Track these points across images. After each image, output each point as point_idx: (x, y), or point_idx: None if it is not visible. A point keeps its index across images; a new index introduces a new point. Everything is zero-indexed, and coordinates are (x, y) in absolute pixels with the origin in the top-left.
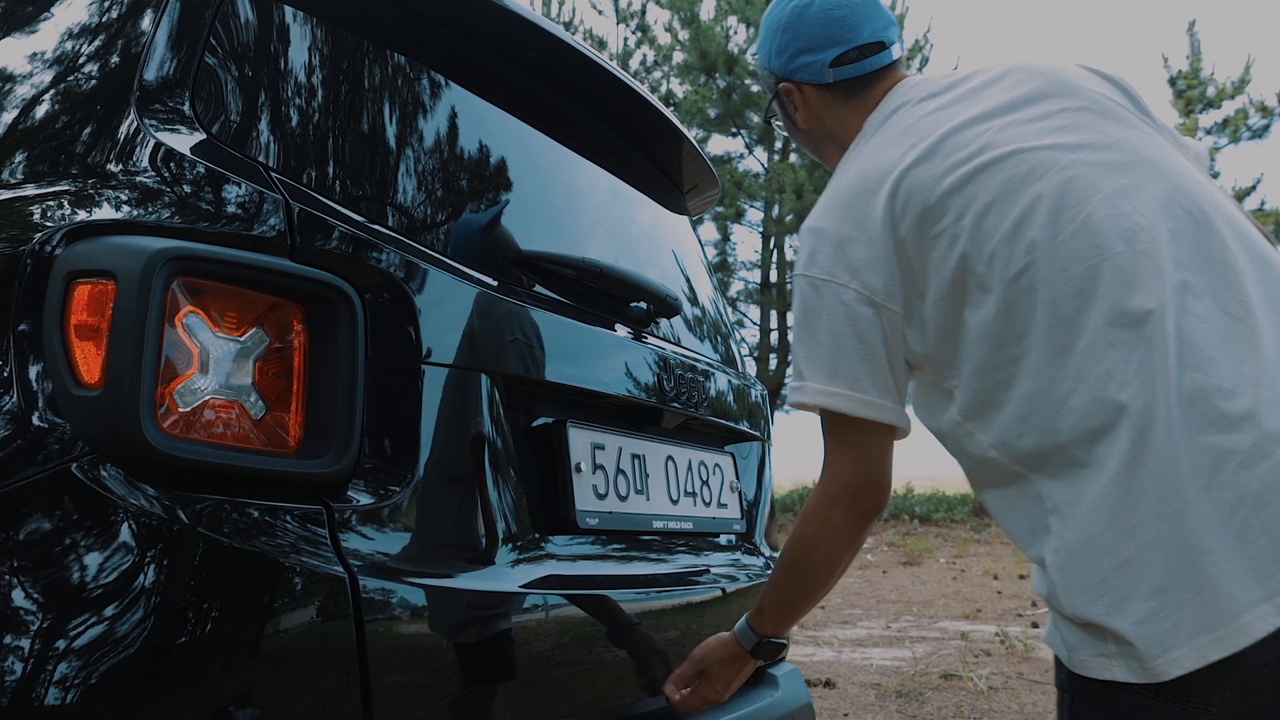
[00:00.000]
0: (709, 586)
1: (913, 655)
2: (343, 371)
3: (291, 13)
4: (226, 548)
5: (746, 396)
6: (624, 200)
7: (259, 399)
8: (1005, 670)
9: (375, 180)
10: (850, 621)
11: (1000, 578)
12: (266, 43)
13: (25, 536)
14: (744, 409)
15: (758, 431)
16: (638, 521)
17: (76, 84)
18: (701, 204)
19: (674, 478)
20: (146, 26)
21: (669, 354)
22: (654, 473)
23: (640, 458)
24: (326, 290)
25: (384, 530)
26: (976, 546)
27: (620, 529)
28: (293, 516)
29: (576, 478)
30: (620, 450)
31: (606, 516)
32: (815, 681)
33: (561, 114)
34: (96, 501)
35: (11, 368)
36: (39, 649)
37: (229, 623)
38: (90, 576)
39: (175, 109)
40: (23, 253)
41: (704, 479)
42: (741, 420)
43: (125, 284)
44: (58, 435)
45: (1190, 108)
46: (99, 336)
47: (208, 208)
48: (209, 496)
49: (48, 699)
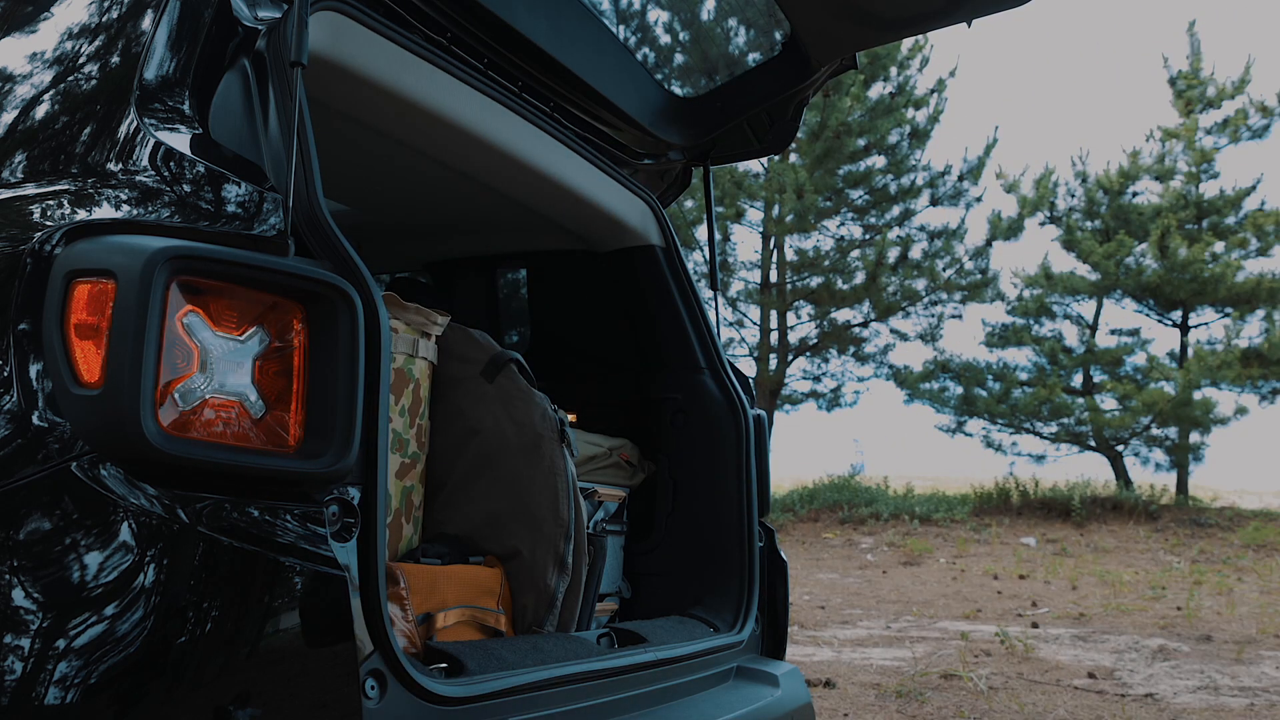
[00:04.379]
0: None
1: (913, 655)
2: (343, 371)
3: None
4: (226, 547)
5: None
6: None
7: (259, 398)
8: (1005, 670)
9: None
10: (850, 621)
11: (1000, 578)
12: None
13: (25, 536)
14: None
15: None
16: None
17: (76, 84)
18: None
19: None
20: (146, 26)
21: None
22: None
23: None
24: (326, 290)
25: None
26: (976, 546)
27: None
28: (293, 515)
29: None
30: None
31: None
32: (815, 681)
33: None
34: (96, 501)
35: (11, 367)
36: (39, 648)
37: (229, 622)
38: (90, 576)
39: (175, 108)
40: (23, 252)
41: None
42: None
43: (125, 283)
44: (57, 434)
45: (1190, 108)
46: (99, 335)
47: (207, 207)
48: (209, 496)
49: (48, 699)
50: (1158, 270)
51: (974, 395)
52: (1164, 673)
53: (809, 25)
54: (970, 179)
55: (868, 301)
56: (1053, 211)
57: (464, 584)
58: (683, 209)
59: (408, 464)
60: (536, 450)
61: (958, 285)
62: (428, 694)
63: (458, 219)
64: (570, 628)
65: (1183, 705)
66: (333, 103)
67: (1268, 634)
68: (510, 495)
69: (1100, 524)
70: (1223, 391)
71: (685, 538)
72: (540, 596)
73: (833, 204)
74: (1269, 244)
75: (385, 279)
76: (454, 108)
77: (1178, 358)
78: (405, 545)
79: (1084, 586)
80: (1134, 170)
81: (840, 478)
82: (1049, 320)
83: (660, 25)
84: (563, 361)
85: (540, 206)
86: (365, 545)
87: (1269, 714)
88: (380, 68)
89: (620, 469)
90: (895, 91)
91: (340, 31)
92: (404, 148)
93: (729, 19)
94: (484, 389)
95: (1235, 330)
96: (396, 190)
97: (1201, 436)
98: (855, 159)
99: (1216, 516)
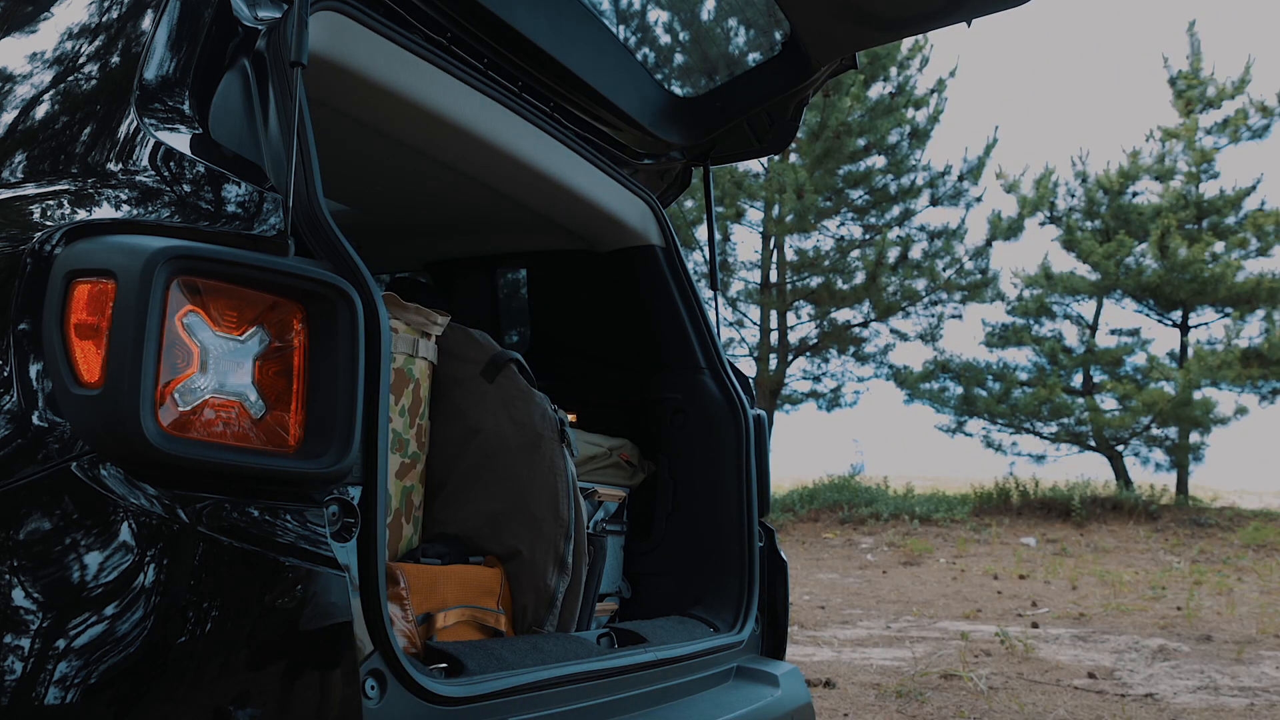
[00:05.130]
0: None
1: (913, 655)
2: (343, 371)
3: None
4: (226, 547)
5: None
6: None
7: (259, 398)
8: (1005, 670)
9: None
10: (850, 621)
11: (1000, 578)
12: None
13: (25, 536)
14: None
15: None
16: None
17: (76, 84)
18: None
19: None
20: (146, 26)
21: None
22: None
23: None
24: (326, 290)
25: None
26: (976, 546)
27: None
28: (293, 515)
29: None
30: None
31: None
32: (815, 681)
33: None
34: (96, 500)
35: (11, 367)
36: (39, 648)
37: (229, 622)
38: (90, 576)
39: (175, 108)
40: (23, 252)
41: None
42: None
43: (125, 283)
44: (57, 434)
45: (1190, 108)
46: (99, 335)
47: (207, 207)
48: (209, 496)
49: (48, 699)
50: (1158, 270)
51: (974, 395)
52: (1164, 673)
53: (809, 25)
54: (970, 179)
55: (868, 301)
56: (1053, 211)
57: (464, 584)
58: (683, 209)
59: (408, 464)
60: (536, 450)
61: (958, 285)
62: (428, 694)
63: (458, 219)
64: (570, 628)
65: (1183, 705)
66: (332, 103)
67: (1268, 634)
68: (510, 495)
69: (1100, 524)
70: (1223, 391)
71: (685, 538)
72: (540, 596)
73: (833, 204)
74: (1269, 244)
75: (385, 279)
76: (454, 107)
77: (1178, 358)
78: (405, 545)
79: (1084, 586)
80: (1134, 170)
81: (840, 478)
82: (1049, 320)
83: (660, 25)
84: (563, 361)
85: (540, 206)
86: (365, 545)
87: (1269, 714)
88: (380, 67)
89: (620, 469)
90: (895, 91)
91: (340, 31)
92: (404, 147)
93: (729, 19)
94: (484, 389)
95: (1235, 330)
96: (396, 190)
97: (1201, 436)
98: (855, 159)
99: (1216, 516)
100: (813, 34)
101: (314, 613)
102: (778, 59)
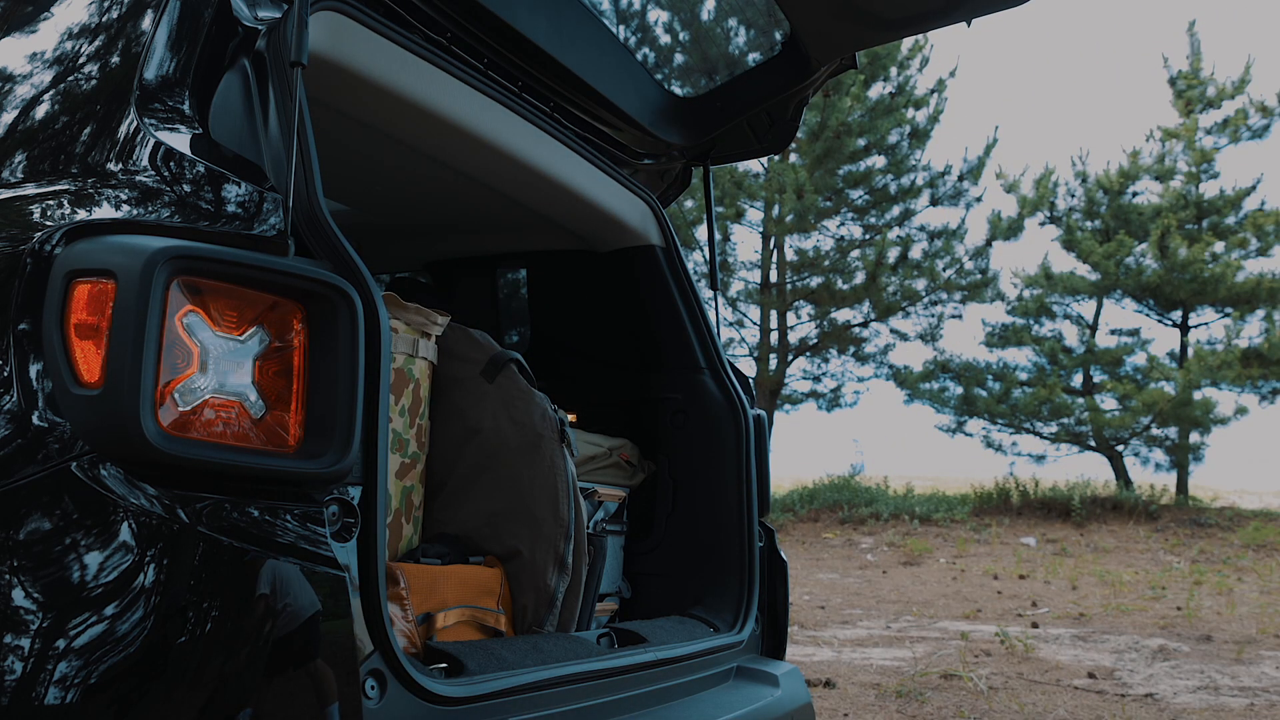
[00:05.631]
0: None
1: (913, 655)
2: (343, 371)
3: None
4: (226, 547)
5: None
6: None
7: (259, 398)
8: (1005, 670)
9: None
10: (850, 621)
11: (1000, 578)
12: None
13: (25, 536)
14: None
15: None
16: None
17: (76, 84)
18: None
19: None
20: (146, 26)
21: None
22: None
23: None
24: (326, 290)
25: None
26: (976, 546)
27: None
28: (293, 515)
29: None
30: None
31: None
32: (815, 681)
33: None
34: (96, 500)
35: (11, 367)
36: (39, 648)
37: (229, 622)
38: (90, 576)
39: (175, 108)
40: (23, 252)
41: None
42: None
43: (125, 283)
44: (57, 434)
45: (1190, 108)
46: (99, 335)
47: (207, 207)
48: (209, 495)
49: (48, 699)
50: (1158, 270)
51: (974, 395)
52: (1164, 673)
53: (809, 25)
54: (970, 179)
55: (868, 301)
56: (1053, 211)
57: (464, 584)
58: (683, 209)
59: (408, 464)
60: (536, 450)
61: (958, 285)
62: (428, 694)
63: (458, 219)
64: (570, 628)
65: (1183, 705)
66: (333, 103)
67: (1268, 634)
68: (510, 495)
69: (1100, 524)
70: (1223, 391)
71: (685, 538)
72: (540, 596)
73: (833, 204)
74: (1269, 244)
75: (385, 279)
76: (454, 107)
77: (1178, 358)
78: (405, 545)
79: (1084, 586)
80: (1134, 170)
81: (840, 478)
82: (1049, 320)
83: (660, 25)
84: (563, 361)
85: (540, 206)
86: (365, 545)
87: (1269, 714)
88: (380, 67)
89: (620, 469)
90: (895, 91)
91: (340, 31)
92: (403, 147)
93: (729, 19)
94: (484, 389)
95: (1235, 330)
96: (396, 190)
97: (1201, 436)
98: (855, 159)
99: (1216, 516)
100: (813, 34)
101: (314, 613)
102: (778, 59)
